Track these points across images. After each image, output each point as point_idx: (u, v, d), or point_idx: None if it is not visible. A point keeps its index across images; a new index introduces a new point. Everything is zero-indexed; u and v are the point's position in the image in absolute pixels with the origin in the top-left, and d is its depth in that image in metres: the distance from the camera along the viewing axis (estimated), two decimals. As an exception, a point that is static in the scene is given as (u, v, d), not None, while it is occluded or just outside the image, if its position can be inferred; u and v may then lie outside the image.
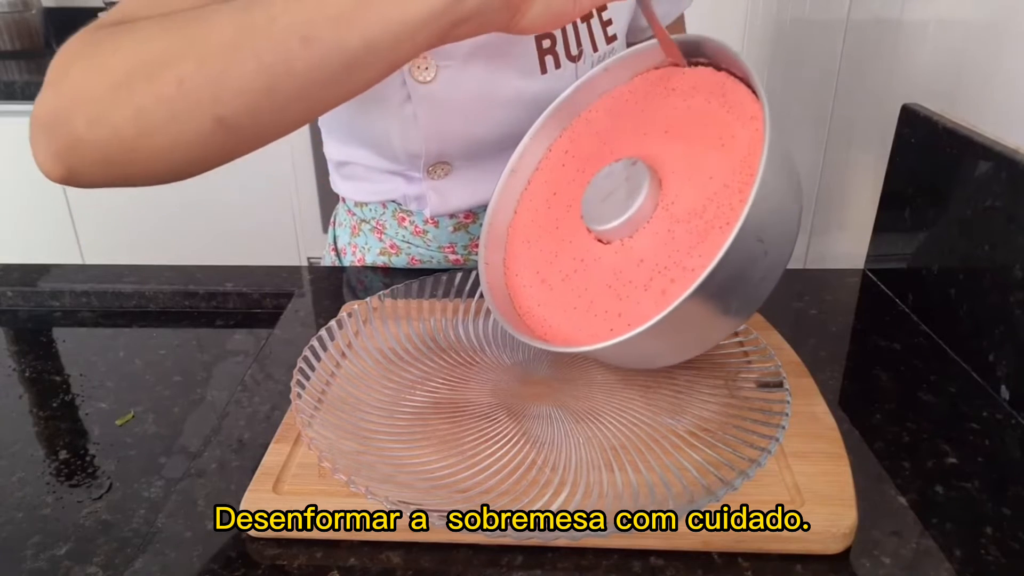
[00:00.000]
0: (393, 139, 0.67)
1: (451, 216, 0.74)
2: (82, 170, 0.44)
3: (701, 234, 0.47)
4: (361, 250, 0.79)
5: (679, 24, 0.79)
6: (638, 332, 0.44)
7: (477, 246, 0.66)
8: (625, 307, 0.49)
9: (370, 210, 0.77)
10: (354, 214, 0.79)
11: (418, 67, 0.62)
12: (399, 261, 0.77)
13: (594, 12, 0.66)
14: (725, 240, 0.42)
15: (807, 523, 0.42)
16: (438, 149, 0.67)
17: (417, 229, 0.75)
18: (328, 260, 0.85)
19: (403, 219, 0.75)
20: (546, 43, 0.64)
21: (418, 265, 0.77)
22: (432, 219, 0.74)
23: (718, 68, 0.52)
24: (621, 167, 0.51)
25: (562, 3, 0.45)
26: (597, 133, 0.57)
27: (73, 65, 0.43)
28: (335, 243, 0.84)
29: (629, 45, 0.74)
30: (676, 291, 0.46)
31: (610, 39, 0.67)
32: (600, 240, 0.52)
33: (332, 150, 0.75)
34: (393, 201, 0.74)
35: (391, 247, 0.77)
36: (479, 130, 0.66)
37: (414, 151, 0.67)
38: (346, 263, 0.81)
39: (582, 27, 0.66)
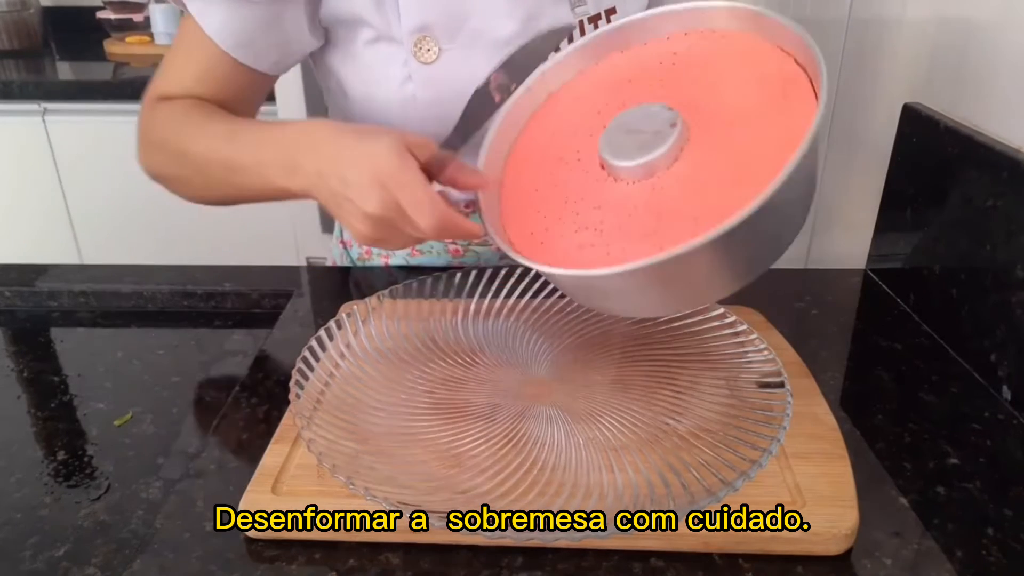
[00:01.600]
0: (392, 121, 0.67)
1: (449, 204, 0.73)
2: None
3: (738, 165, 0.47)
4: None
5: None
6: (641, 265, 0.43)
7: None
8: (611, 245, 0.49)
9: None
10: None
11: (419, 47, 0.62)
12: (400, 252, 0.77)
13: (602, 13, 0.67)
14: (738, 212, 0.42)
15: (808, 524, 0.42)
16: (436, 133, 0.67)
17: None
18: (336, 253, 0.85)
19: None
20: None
21: (417, 256, 0.77)
22: None
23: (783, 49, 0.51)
24: (657, 110, 0.50)
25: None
26: (601, 89, 0.56)
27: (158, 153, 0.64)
28: (342, 235, 0.84)
29: None
30: (675, 238, 0.46)
31: None
32: (607, 171, 0.51)
33: None
34: None
35: None
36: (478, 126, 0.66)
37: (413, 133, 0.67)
38: (354, 255, 0.81)
39: (588, 27, 0.66)
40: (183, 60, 0.63)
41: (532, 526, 0.41)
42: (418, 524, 0.41)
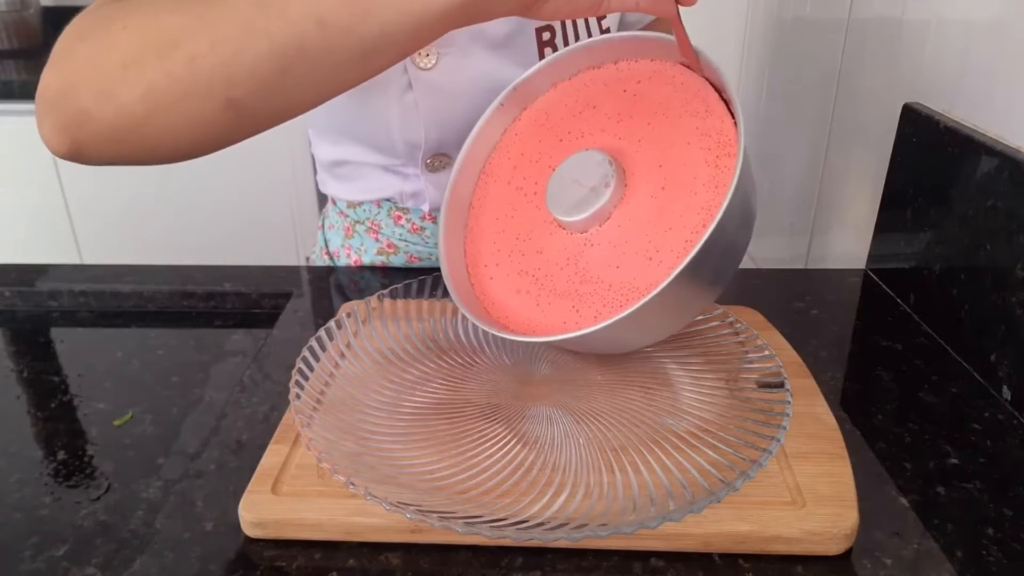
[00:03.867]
0: (393, 129, 0.67)
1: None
2: (89, 146, 0.44)
3: (663, 232, 0.48)
4: (356, 252, 0.79)
5: (660, 23, 0.79)
6: (618, 318, 0.45)
7: None
8: (581, 298, 0.51)
9: (364, 210, 0.76)
10: (346, 216, 0.79)
11: (419, 53, 0.62)
12: (397, 260, 0.77)
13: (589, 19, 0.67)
14: (696, 241, 0.44)
15: (808, 524, 0.42)
16: (437, 138, 0.67)
17: (414, 227, 0.75)
18: (320, 265, 0.84)
19: (399, 217, 0.75)
20: (546, 35, 0.65)
21: (417, 263, 0.77)
22: (430, 215, 0.74)
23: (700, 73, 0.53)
24: (599, 161, 0.51)
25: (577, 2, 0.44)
26: (568, 111, 0.57)
27: (82, 40, 0.43)
28: (327, 246, 0.83)
29: None
30: (640, 283, 0.48)
31: (604, 31, 0.68)
32: (563, 228, 0.53)
33: (323, 151, 0.75)
34: (388, 200, 0.74)
35: (388, 246, 0.77)
36: (478, 119, 0.66)
37: (413, 141, 0.67)
38: (341, 266, 0.81)
39: (580, 20, 0.66)
40: None
41: (532, 526, 0.41)
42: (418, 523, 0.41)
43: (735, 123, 0.48)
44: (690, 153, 0.50)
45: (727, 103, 0.50)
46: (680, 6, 0.46)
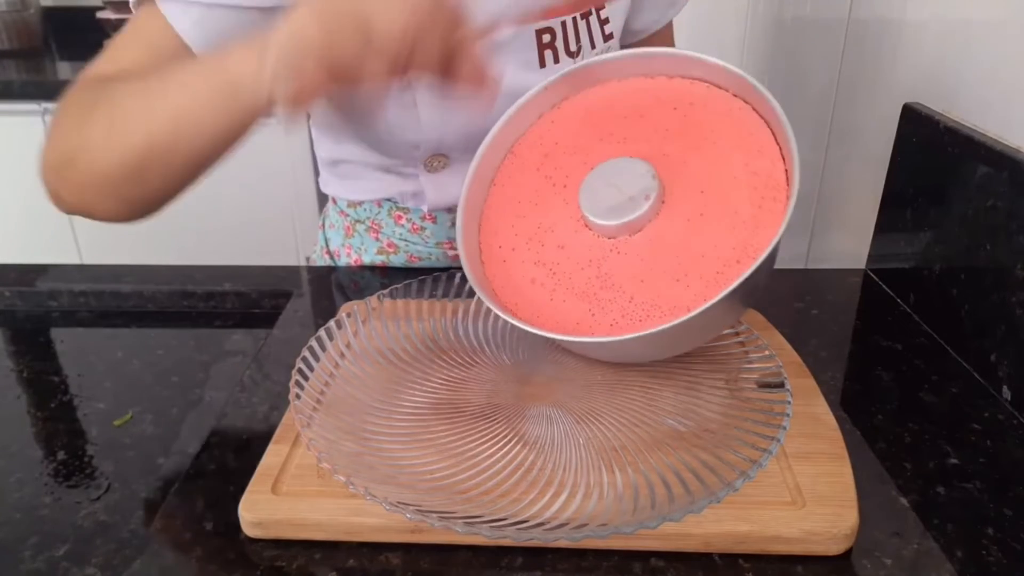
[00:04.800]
0: (392, 129, 0.67)
1: (449, 210, 0.73)
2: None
3: (695, 258, 0.49)
4: (357, 251, 0.79)
5: (667, 31, 0.79)
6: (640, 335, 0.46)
7: None
8: (599, 304, 0.51)
9: (364, 210, 0.76)
10: (347, 215, 0.79)
11: None
12: (397, 259, 0.77)
13: (592, 10, 0.67)
14: (730, 277, 0.46)
15: (808, 524, 0.42)
16: (437, 139, 0.67)
17: (415, 226, 0.75)
18: (321, 264, 0.84)
19: (399, 217, 0.75)
20: (546, 38, 0.64)
21: (417, 263, 0.77)
22: (430, 215, 0.74)
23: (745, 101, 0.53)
24: (642, 172, 0.51)
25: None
26: (614, 113, 0.56)
27: (51, 130, 0.54)
28: (327, 245, 0.83)
29: (622, 47, 0.74)
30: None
31: (607, 37, 0.68)
32: (590, 229, 0.53)
33: (325, 150, 0.75)
34: (388, 199, 0.74)
35: (388, 246, 0.77)
36: (477, 120, 0.66)
37: (413, 141, 0.67)
38: (341, 266, 0.81)
39: (581, 24, 0.66)
40: (134, 50, 0.56)
41: (532, 526, 0.41)
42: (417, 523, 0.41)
43: (786, 170, 0.49)
44: (736, 188, 0.50)
45: (780, 147, 0.50)
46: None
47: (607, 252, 0.52)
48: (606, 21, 0.68)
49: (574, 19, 0.66)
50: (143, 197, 0.54)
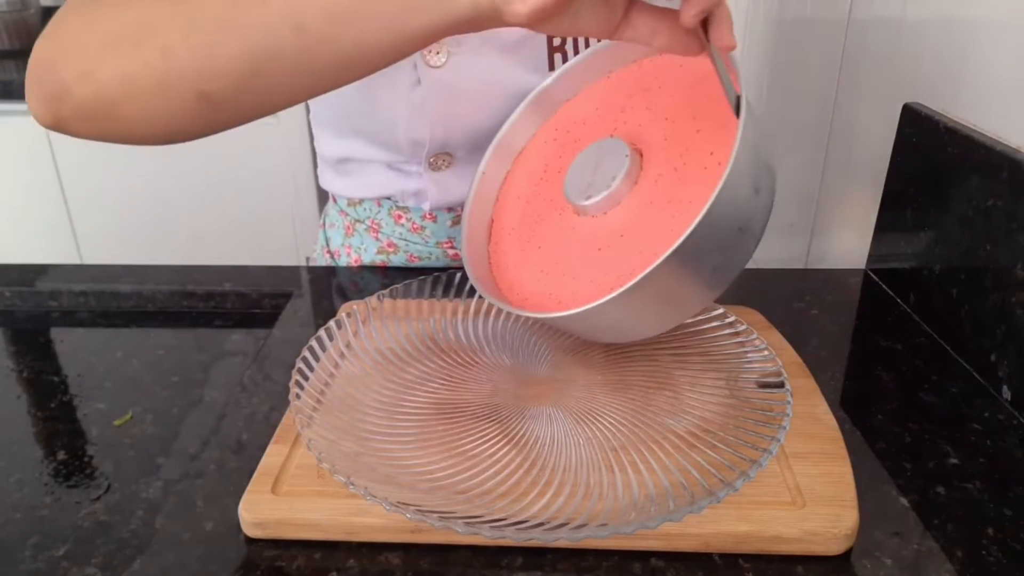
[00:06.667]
0: (398, 126, 0.67)
1: (449, 209, 0.73)
2: (70, 121, 0.45)
3: (676, 211, 0.48)
4: (357, 250, 0.79)
5: None
6: (610, 297, 0.45)
7: None
8: (597, 275, 0.51)
9: (364, 209, 0.76)
10: (347, 214, 0.79)
11: (430, 51, 0.62)
12: (397, 259, 0.77)
13: None
14: (697, 214, 0.43)
15: (808, 524, 0.42)
16: (443, 137, 0.67)
17: (415, 226, 0.75)
18: (321, 263, 0.84)
19: (399, 216, 0.75)
20: (556, 40, 0.65)
21: (417, 262, 0.77)
22: (430, 214, 0.74)
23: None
24: (604, 145, 0.52)
25: (586, 27, 0.41)
26: (586, 116, 0.58)
27: (73, 14, 0.43)
28: (327, 245, 0.83)
29: None
30: (646, 262, 0.47)
31: None
32: (579, 213, 0.53)
33: (326, 146, 0.75)
34: (388, 198, 0.74)
35: (388, 245, 0.77)
36: (484, 120, 0.66)
37: (418, 139, 0.67)
38: (341, 265, 0.81)
39: None
40: None
41: (532, 526, 0.41)
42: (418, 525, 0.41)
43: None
44: (696, 144, 0.50)
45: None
46: (724, 50, 0.42)
47: (607, 232, 0.52)
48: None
49: None
50: (235, 100, 0.41)
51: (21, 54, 1.77)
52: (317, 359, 0.54)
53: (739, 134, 0.43)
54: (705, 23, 0.41)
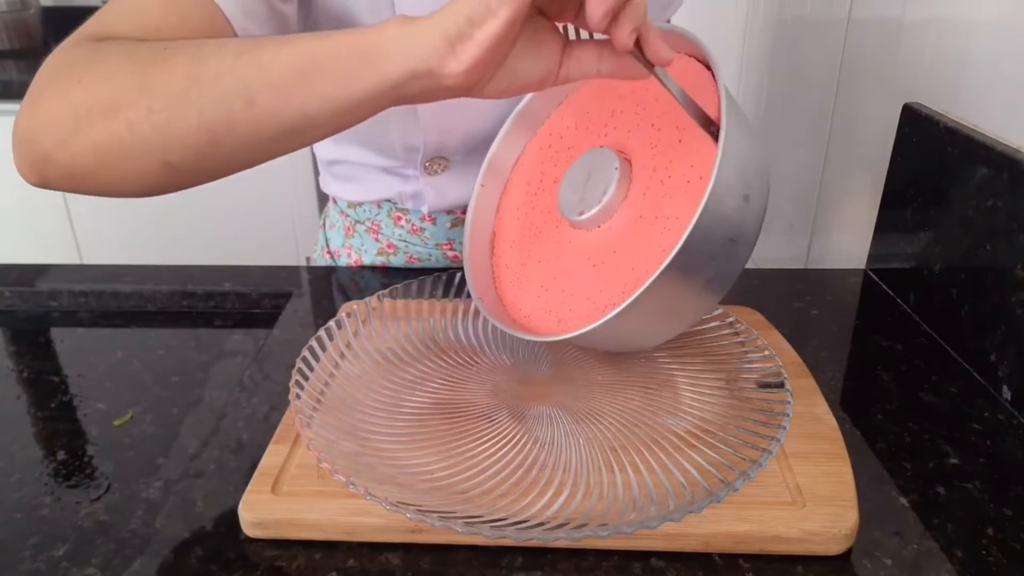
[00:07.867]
0: (391, 132, 0.67)
1: (448, 212, 0.73)
2: (53, 182, 0.48)
3: (664, 227, 0.48)
4: (357, 251, 0.79)
5: None
6: (605, 320, 0.45)
7: None
8: (593, 293, 0.50)
9: (364, 210, 0.76)
10: (347, 215, 0.79)
11: None
12: (397, 260, 0.77)
13: None
14: (684, 229, 0.43)
15: (808, 524, 0.42)
16: (437, 142, 0.67)
17: (414, 227, 0.75)
18: (321, 263, 0.84)
19: (399, 218, 0.75)
20: None
21: (416, 264, 0.77)
22: (429, 216, 0.74)
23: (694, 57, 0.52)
24: (594, 156, 0.52)
25: (526, 79, 0.43)
26: (577, 121, 0.57)
27: (49, 85, 0.46)
28: (327, 245, 0.83)
29: None
30: (639, 279, 0.47)
31: None
32: (574, 227, 0.53)
33: (324, 150, 0.75)
34: (388, 200, 0.74)
35: (388, 247, 0.77)
36: (478, 124, 0.66)
37: (412, 144, 0.67)
38: (341, 266, 0.81)
39: (584, 35, 0.66)
40: (157, 11, 0.49)
41: (532, 526, 0.41)
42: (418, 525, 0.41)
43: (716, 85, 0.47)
44: (683, 155, 0.49)
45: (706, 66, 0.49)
46: (657, 67, 0.42)
47: (601, 247, 0.51)
48: None
49: (576, 31, 0.66)
50: (198, 166, 0.45)
51: (21, 54, 1.77)
52: (317, 359, 0.54)
53: (720, 153, 0.43)
54: (639, 43, 0.41)
